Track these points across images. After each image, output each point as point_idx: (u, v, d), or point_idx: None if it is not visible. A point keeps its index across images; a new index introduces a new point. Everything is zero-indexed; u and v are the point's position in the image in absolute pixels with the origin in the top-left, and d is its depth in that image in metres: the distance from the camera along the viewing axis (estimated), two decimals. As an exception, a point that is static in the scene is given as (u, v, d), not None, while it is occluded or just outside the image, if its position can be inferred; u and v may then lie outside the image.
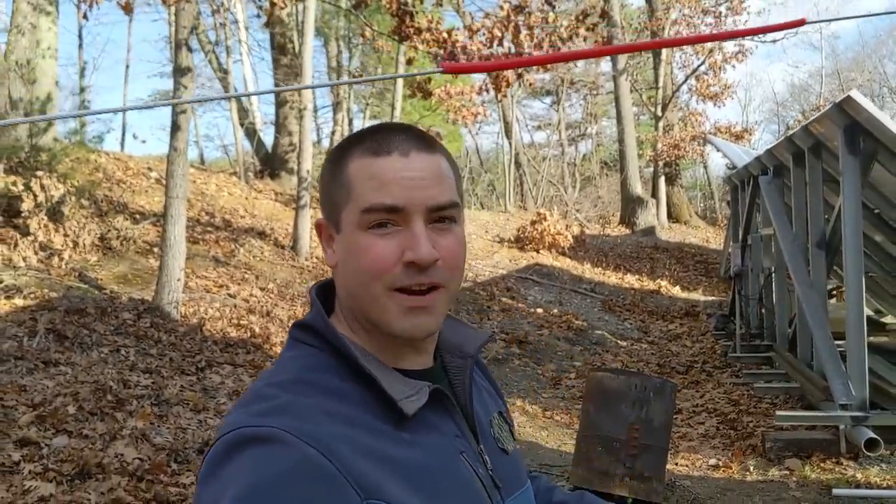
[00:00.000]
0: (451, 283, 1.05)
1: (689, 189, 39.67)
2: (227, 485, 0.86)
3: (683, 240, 22.88)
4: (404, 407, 0.98)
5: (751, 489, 6.42)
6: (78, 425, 5.52)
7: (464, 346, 1.18)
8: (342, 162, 1.06)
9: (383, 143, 1.04)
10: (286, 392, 0.96)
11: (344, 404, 0.97)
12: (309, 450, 0.88)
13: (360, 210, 1.01)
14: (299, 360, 1.03)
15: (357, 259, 1.02)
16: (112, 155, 15.36)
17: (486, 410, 1.19)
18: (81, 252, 9.39)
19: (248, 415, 0.93)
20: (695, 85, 26.98)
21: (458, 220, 1.07)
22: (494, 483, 1.08)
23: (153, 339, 7.47)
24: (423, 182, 1.02)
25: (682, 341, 12.33)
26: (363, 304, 1.04)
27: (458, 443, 1.06)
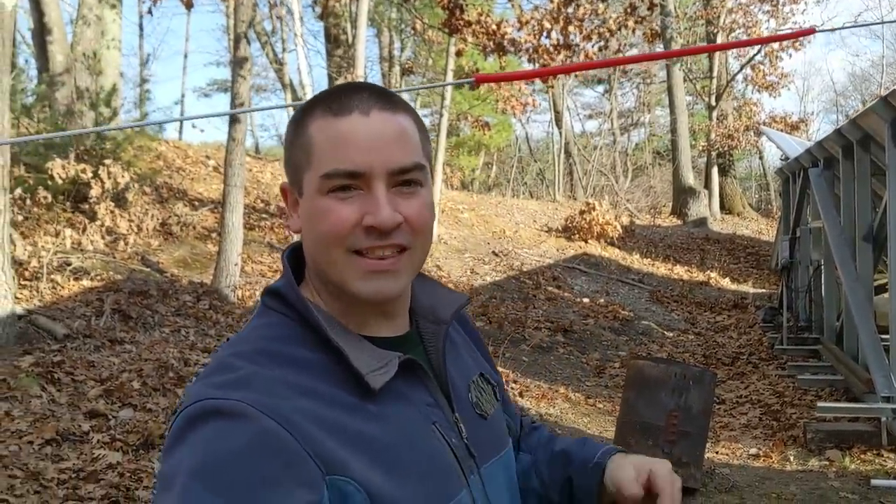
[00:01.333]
0: (417, 245, 1.02)
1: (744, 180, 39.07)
2: (185, 457, 0.86)
3: (735, 231, 22.66)
4: (371, 381, 0.96)
5: (789, 478, 6.50)
6: (142, 399, 5.87)
7: (438, 310, 1.15)
8: (303, 123, 1.03)
9: (344, 103, 1.00)
10: (250, 363, 0.94)
11: (309, 376, 0.96)
12: (269, 423, 0.87)
13: (319, 175, 0.99)
14: (266, 329, 1.02)
15: (317, 224, 1.00)
16: (172, 143, 15.86)
17: (465, 375, 1.16)
18: (144, 237, 9.81)
19: (210, 386, 0.92)
20: (750, 74, 26.57)
21: (425, 182, 1.03)
22: (469, 451, 1.06)
23: (212, 320, 7.83)
24: (384, 143, 0.99)
25: (728, 333, 12.33)
26: (325, 269, 1.02)
27: (431, 412, 1.04)
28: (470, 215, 17.67)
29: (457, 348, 1.19)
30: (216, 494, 0.83)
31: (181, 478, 0.84)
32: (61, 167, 8.14)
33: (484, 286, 12.74)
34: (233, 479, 0.84)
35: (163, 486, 0.87)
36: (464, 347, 1.22)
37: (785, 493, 6.15)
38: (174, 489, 0.84)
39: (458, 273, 13.32)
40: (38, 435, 5.07)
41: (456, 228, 16.27)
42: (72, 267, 7.88)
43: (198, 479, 0.83)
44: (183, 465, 0.85)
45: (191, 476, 0.84)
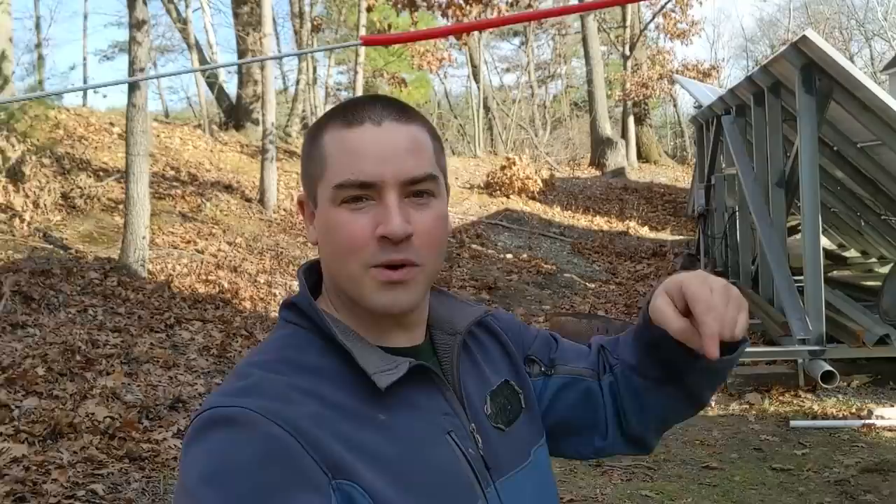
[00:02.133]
0: (429, 260, 1.02)
1: (660, 128, 39.74)
2: (194, 464, 0.89)
3: (652, 180, 23.03)
4: (377, 380, 0.96)
5: (711, 423, 6.62)
6: (48, 386, 5.56)
7: (454, 321, 1.14)
8: (317, 135, 1.04)
9: (356, 114, 1.00)
10: (261, 370, 0.96)
11: (319, 382, 0.97)
12: (275, 429, 0.89)
13: (332, 186, 0.99)
14: (282, 340, 1.04)
15: (332, 236, 1.00)
16: (73, 111, 15.08)
17: (482, 386, 1.14)
18: (44, 212, 9.30)
19: (222, 394, 0.94)
20: (662, 23, 26.82)
21: (438, 193, 1.03)
22: (485, 463, 1.05)
23: (121, 297, 7.48)
24: (396, 153, 0.99)
25: (649, 281, 12.52)
26: (341, 282, 1.02)
27: (446, 421, 1.03)
28: (390, 174, 17.42)
29: (475, 359, 1.17)
30: (224, 501, 0.85)
31: (192, 483, 0.87)
32: (-57, 142, 7.60)
33: (406, 247, 12.59)
34: (241, 485, 0.86)
35: (178, 492, 0.91)
36: (485, 358, 1.19)
37: (708, 438, 6.26)
38: (187, 494, 0.87)
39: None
40: (-67, 431, 4.75)
41: (376, 188, 16.02)
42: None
43: (206, 485, 0.86)
44: (193, 472, 0.88)
45: (200, 482, 0.86)
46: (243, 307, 8.23)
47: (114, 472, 4.75)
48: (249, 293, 8.62)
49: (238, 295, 8.44)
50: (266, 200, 12.53)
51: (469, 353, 1.16)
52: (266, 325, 7.79)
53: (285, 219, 12.47)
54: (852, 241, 13.11)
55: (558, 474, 5.44)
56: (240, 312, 8.03)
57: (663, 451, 5.99)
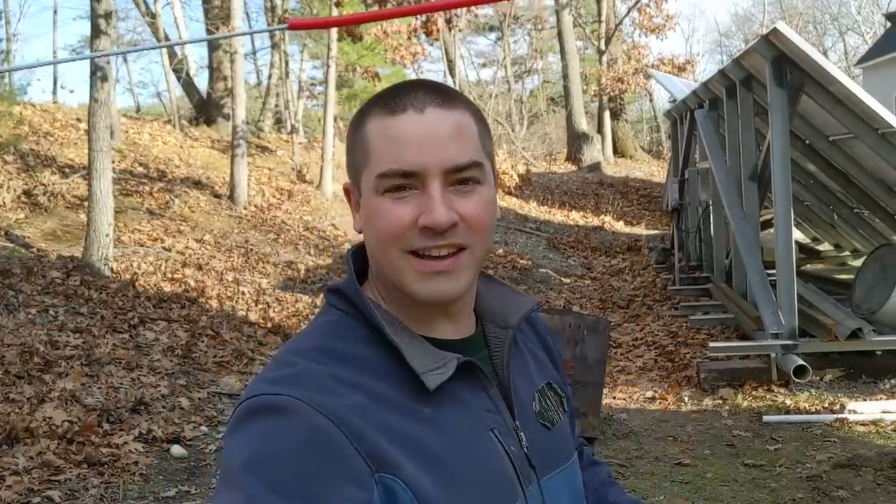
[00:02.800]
0: (476, 243, 1.00)
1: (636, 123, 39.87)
2: (238, 451, 0.88)
3: (628, 175, 23.06)
4: (427, 381, 0.96)
5: (685, 419, 6.58)
6: (4, 390, 5.40)
7: (507, 314, 1.12)
8: (361, 123, 1.02)
9: (399, 101, 0.99)
10: (306, 360, 0.96)
11: (365, 374, 0.96)
12: (320, 419, 0.88)
13: (375, 175, 0.98)
14: (327, 327, 1.02)
15: (374, 224, 0.99)
16: (39, 107, 14.81)
17: (530, 383, 1.14)
18: (5, 210, 9.08)
19: (266, 382, 0.93)
20: (637, 17, 26.83)
21: (483, 180, 1.01)
22: (529, 461, 1.05)
23: (83, 297, 7.30)
24: (439, 141, 0.97)
25: (623, 276, 12.49)
26: (384, 269, 1.01)
27: (489, 418, 1.02)
28: (364, 170, 17.27)
29: (523, 355, 1.17)
30: (269, 488, 0.84)
31: (236, 470, 0.87)
32: None
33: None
34: (285, 474, 0.85)
35: (221, 477, 0.90)
36: (532, 355, 1.19)
37: (681, 434, 6.20)
38: (231, 481, 0.87)
39: (354, 233, 12.99)
40: None
41: (350, 184, 15.88)
42: (-80, 247, 7.19)
43: (251, 473, 0.85)
44: (237, 457, 0.87)
45: (244, 469, 0.86)
46: (210, 306, 8.07)
47: (71, 478, 4.61)
48: (216, 291, 8.45)
49: (204, 293, 8.27)
50: (236, 196, 12.34)
51: (518, 347, 1.15)
52: (233, 323, 7.63)
53: (255, 215, 12.29)
54: (826, 234, 13.16)
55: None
56: (206, 311, 7.87)
57: (636, 448, 5.93)
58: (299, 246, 11.29)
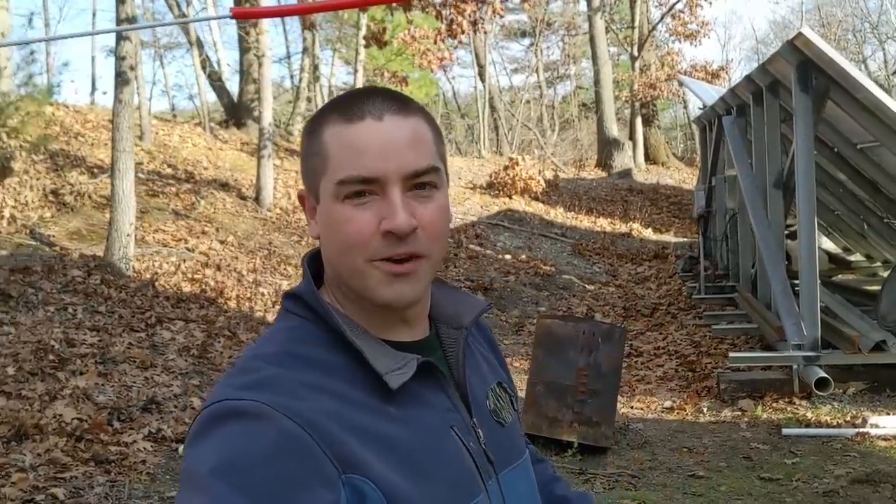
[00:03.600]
0: (433, 251, 1.02)
1: (669, 130, 39.51)
2: (206, 455, 0.87)
3: (659, 181, 22.82)
4: (389, 381, 0.97)
5: (702, 430, 6.45)
6: (17, 386, 5.44)
7: (460, 315, 1.15)
8: (317, 130, 1.03)
9: (357, 108, 1.00)
10: (270, 365, 0.95)
11: (330, 377, 0.96)
12: (288, 423, 0.89)
13: (335, 182, 0.99)
14: (288, 332, 1.02)
15: (336, 231, 1.00)
16: (72, 107, 15.04)
17: (483, 382, 1.16)
18: (34, 208, 9.20)
19: (232, 387, 0.93)
20: (671, 23, 26.57)
21: (440, 185, 1.03)
22: (487, 457, 1.07)
23: (102, 295, 7.36)
24: (397, 148, 0.98)
25: (649, 284, 12.34)
26: (345, 277, 1.02)
27: (450, 416, 1.04)
28: (391, 174, 17.28)
29: (475, 355, 1.19)
30: (238, 493, 0.84)
31: (204, 476, 0.86)
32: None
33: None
34: (254, 478, 0.85)
35: (186, 484, 0.89)
36: (482, 356, 1.22)
37: (697, 446, 6.09)
38: (197, 487, 0.86)
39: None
40: None
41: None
42: (-55, 244, 7.30)
43: (219, 478, 0.85)
44: (205, 463, 0.87)
45: (212, 475, 0.85)
46: (228, 306, 8.09)
47: (77, 476, 4.62)
48: (236, 292, 8.48)
49: (223, 294, 8.31)
50: (262, 199, 12.41)
51: (471, 348, 1.17)
52: (250, 324, 7.65)
53: (280, 217, 12.34)
54: (856, 244, 12.89)
55: (539, 482, 5.27)
56: (224, 312, 7.89)
57: (649, 459, 5.83)
58: (321, 249, 11.32)
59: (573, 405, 5.86)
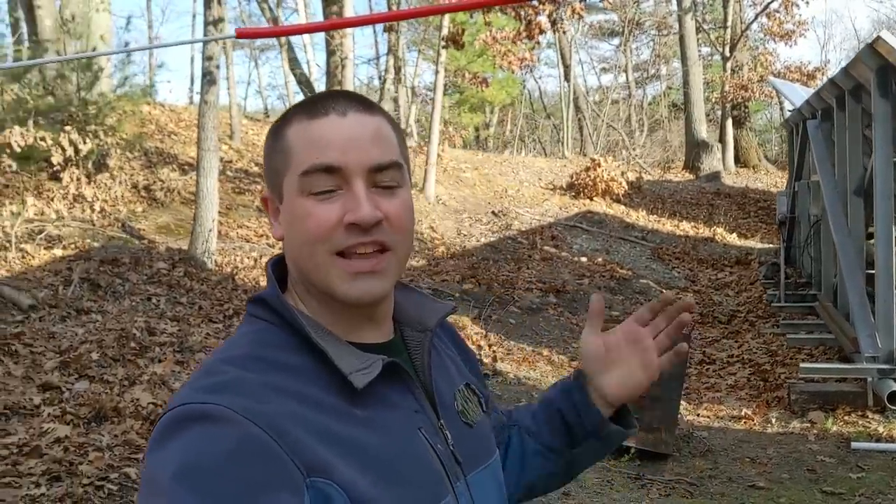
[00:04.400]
0: (399, 245, 1.03)
1: (763, 132, 38.33)
2: (167, 461, 0.87)
3: (748, 185, 22.20)
4: (354, 380, 0.96)
5: (768, 441, 6.34)
6: (100, 371, 5.78)
7: (424, 318, 1.15)
8: (281, 130, 1.04)
9: (321, 106, 1.01)
10: (235, 368, 0.95)
11: (295, 380, 0.96)
12: (252, 428, 0.88)
13: (298, 175, 0.99)
14: (252, 336, 1.02)
15: (299, 226, 1.00)
16: (167, 107, 15.70)
17: (450, 383, 1.16)
18: (126, 203, 9.70)
19: (196, 390, 0.93)
20: (766, 23, 25.81)
21: (403, 183, 1.04)
22: (455, 459, 1.07)
23: (185, 287, 7.72)
24: (361, 142, 0.99)
25: (728, 290, 12.08)
26: (309, 273, 1.02)
27: (417, 418, 1.04)
28: (472, 174, 17.40)
29: (442, 357, 1.19)
30: (200, 499, 0.83)
31: (165, 481, 0.85)
32: (20, 135, 8.01)
33: (477, 247, 12.54)
34: (216, 483, 0.84)
35: (147, 489, 0.88)
36: (449, 358, 1.22)
37: (761, 456, 5.99)
38: (157, 492, 0.86)
39: (451, 234, 13.13)
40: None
41: (456, 188, 16.03)
42: (43, 235, 7.78)
43: (181, 483, 0.84)
44: (166, 468, 0.86)
45: (174, 479, 0.84)
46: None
47: (150, 457, 4.90)
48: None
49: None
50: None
51: (436, 350, 1.17)
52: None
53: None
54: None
55: (595, 485, 5.31)
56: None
57: (710, 468, 5.77)
58: (396, 247, 11.52)
59: (633, 410, 5.84)
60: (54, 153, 8.12)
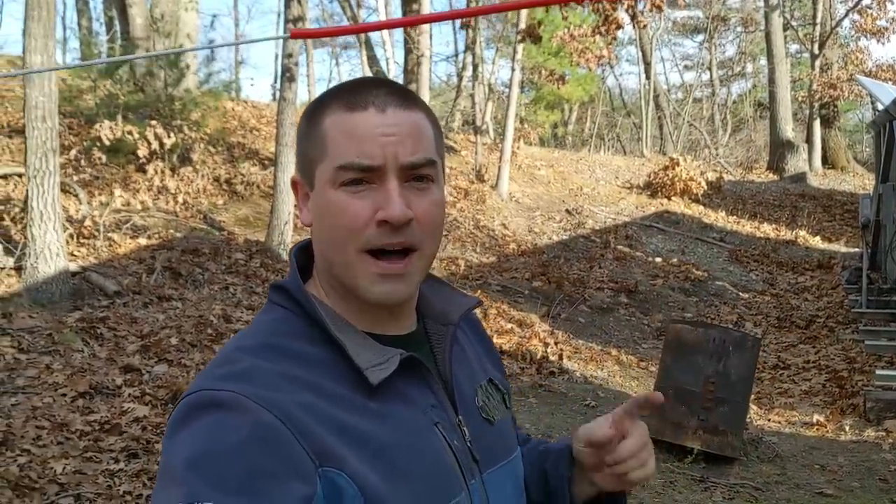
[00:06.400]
0: (426, 245, 1.02)
1: (854, 132, 37.00)
2: (182, 447, 0.88)
3: (834, 187, 21.48)
4: (370, 376, 0.96)
5: (840, 449, 6.19)
6: (178, 355, 6.04)
7: (448, 311, 1.14)
8: (317, 116, 1.02)
9: (360, 98, 1.00)
10: (251, 356, 0.95)
11: (311, 371, 0.96)
12: (265, 415, 0.88)
13: (334, 167, 0.99)
14: (271, 324, 1.02)
15: (330, 218, 0.99)
16: (250, 103, 16.15)
17: (472, 379, 1.14)
18: (208, 196, 10.05)
19: (211, 378, 0.93)
20: (857, 19, 24.89)
21: (437, 179, 1.04)
22: (472, 455, 1.06)
23: (260, 278, 7.97)
24: (398, 139, 0.98)
25: (807, 294, 11.76)
26: (337, 268, 1.02)
27: (433, 413, 1.03)
28: (547, 172, 17.34)
29: (465, 352, 1.17)
30: (212, 486, 0.84)
31: (178, 468, 0.86)
32: (109, 129, 8.39)
33: (549, 245, 12.52)
34: (228, 470, 0.85)
35: (162, 476, 0.89)
36: (473, 352, 1.20)
37: (831, 464, 5.85)
38: (172, 478, 0.86)
39: (523, 231, 13.13)
40: (73, 388, 5.29)
41: (530, 186, 16.01)
42: (129, 224, 8.14)
43: (193, 470, 0.85)
44: (180, 455, 0.87)
45: (187, 467, 0.85)
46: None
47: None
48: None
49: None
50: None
51: (459, 343, 1.15)
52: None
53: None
54: None
55: (657, 485, 5.29)
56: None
57: (778, 473, 5.67)
58: (466, 243, 11.60)
59: (699, 412, 5.79)
60: (140, 146, 8.49)
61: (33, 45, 6.44)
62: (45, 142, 6.47)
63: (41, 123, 6.43)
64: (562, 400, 6.90)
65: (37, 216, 6.46)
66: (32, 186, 6.47)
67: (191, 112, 10.64)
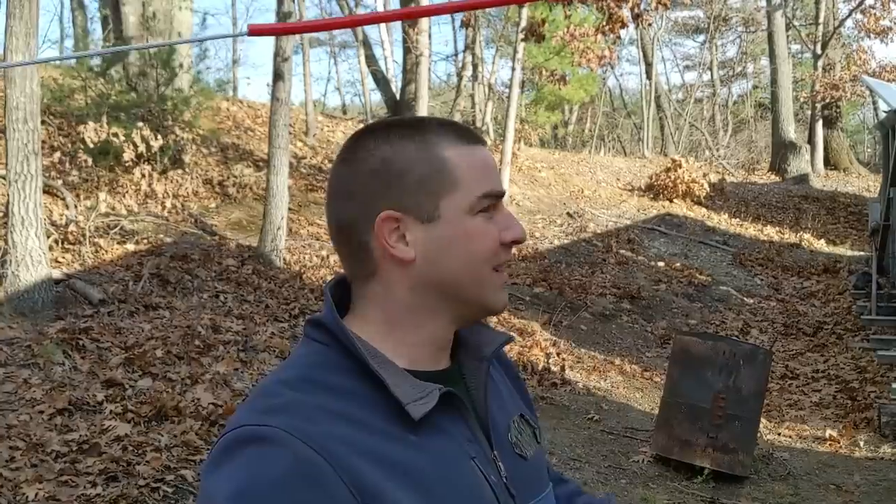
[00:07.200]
0: None
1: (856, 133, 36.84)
2: (225, 482, 0.88)
3: (838, 189, 21.25)
4: (412, 411, 0.97)
5: (855, 466, 5.94)
6: (164, 368, 5.77)
7: (482, 347, 1.15)
8: (430, 148, 1.04)
9: (468, 133, 1.08)
10: (291, 390, 0.96)
11: (350, 404, 0.96)
12: (306, 450, 0.89)
13: (476, 196, 1.03)
14: (309, 357, 1.03)
15: (469, 243, 1.03)
16: (245, 103, 15.89)
17: (505, 414, 1.15)
18: (200, 198, 9.78)
19: (252, 412, 0.94)
20: (861, 19, 24.67)
21: None
22: (508, 491, 1.06)
23: (252, 285, 7.71)
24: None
25: (814, 300, 11.51)
26: (466, 290, 1.05)
27: (470, 448, 1.03)
28: (548, 174, 17.09)
29: (498, 387, 1.19)
30: None
31: (221, 502, 0.86)
32: (94, 130, 8.12)
33: (550, 249, 12.25)
34: None
35: None
36: (505, 388, 1.22)
37: (846, 483, 5.61)
38: None
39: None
40: (51, 404, 5.02)
41: (531, 188, 15.76)
42: (116, 229, 7.87)
43: None
44: (222, 490, 0.87)
45: (231, 501, 0.86)
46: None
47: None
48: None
49: (366, 288, 8.48)
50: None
51: (493, 379, 1.16)
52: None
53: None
54: None
55: (665, 501, 5.05)
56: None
57: (791, 493, 5.43)
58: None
59: (708, 429, 5.54)
60: (126, 149, 8.22)
61: (15, 45, 6.18)
62: (26, 144, 6.21)
63: (22, 125, 6.17)
64: (564, 413, 6.65)
65: (18, 222, 6.20)
66: (13, 191, 6.21)
67: (183, 112, 10.37)
